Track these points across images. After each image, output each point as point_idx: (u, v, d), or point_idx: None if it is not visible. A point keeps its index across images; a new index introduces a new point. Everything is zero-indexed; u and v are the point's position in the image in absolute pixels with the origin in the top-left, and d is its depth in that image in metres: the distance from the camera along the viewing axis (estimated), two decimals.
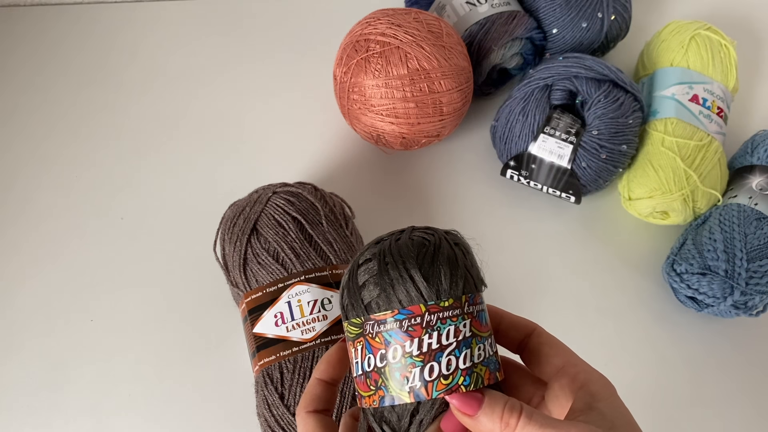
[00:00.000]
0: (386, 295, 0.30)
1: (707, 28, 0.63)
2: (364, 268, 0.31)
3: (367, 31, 0.57)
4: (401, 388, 0.29)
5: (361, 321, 0.30)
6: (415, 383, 0.29)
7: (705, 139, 0.58)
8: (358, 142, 0.66)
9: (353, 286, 0.31)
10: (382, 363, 0.30)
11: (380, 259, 0.30)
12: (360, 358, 0.31)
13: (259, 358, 0.48)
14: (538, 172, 0.59)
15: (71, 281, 0.59)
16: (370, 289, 0.30)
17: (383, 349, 0.30)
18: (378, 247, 0.31)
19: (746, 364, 0.56)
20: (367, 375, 0.30)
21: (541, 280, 0.59)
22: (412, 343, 0.29)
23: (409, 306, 0.29)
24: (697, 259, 0.54)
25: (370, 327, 0.30)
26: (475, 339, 0.30)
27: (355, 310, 0.31)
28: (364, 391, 0.31)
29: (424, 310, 0.29)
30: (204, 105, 0.68)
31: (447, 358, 0.29)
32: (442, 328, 0.29)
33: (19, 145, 0.66)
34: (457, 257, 0.31)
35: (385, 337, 0.30)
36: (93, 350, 0.56)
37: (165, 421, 0.53)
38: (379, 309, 0.30)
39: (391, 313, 0.29)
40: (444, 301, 0.29)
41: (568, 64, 0.59)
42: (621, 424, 0.29)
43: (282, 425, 0.45)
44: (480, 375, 0.30)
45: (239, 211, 0.52)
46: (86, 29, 0.74)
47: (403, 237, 0.31)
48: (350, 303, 0.31)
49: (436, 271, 0.30)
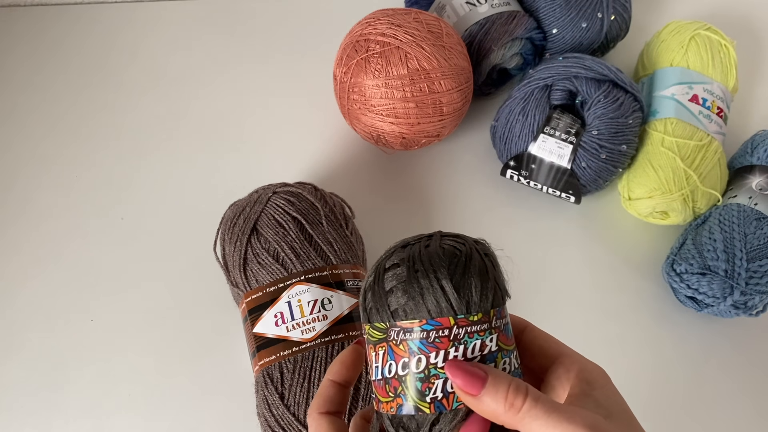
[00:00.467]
0: (414, 304, 0.29)
1: (707, 28, 0.63)
2: (392, 273, 0.30)
3: (367, 31, 0.57)
4: (422, 399, 0.29)
5: (386, 326, 0.30)
6: (437, 395, 0.29)
7: (705, 139, 0.58)
8: (358, 142, 0.66)
9: (379, 290, 0.30)
10: (404, 371, 0.29)
11: (409, 265, 0.29)
12: (381, 363, 0.30)
13: (259, 357, 0.48)
14: (538, 172, 0.59)
15: (71, 281, 0.59)
16: (398, 295, 0.29)
17: (406, 357, 0.29)
18: (406, 252, 0.30)
19: (746, 364, 0.56)
20: (386, 381, 0.30)
21: (540, 280, 0.59)
22: (438, 354, 0.29)
23: (438, 318, 0.29)
24: (697, 259, 0.54)
25: (395, 334, 0.29)
26: (501, 353, 0.30)
27: (379, 315, 0.30)
28: (382, 396, 0.30)
29: (453, 323, 0.29)
30: (204, 105, 0.68)
31: None
32: (469, 342, 0.29)
33: (19, 145, 0.66)
34: (487, 269, 0.30)
35: (410, 345, 0.29)
36: (93, 350, 0.56)
37: (165, 420, 0.53)
38: (405, 317, 0.29)
39: (419, 323, 0.29)
40: (473, 316, 0.29)
41: (568, 64, 0.59)
42: (617, 411, 0.29)
43: (282, 425, 0.45)
44: None
45: (239, 211, 0.52)
46: (86, 29, 0.74)
47: (432, 244, 0.30)
48: (375, 307, 0.30)
49: (468, 283, 0.29)
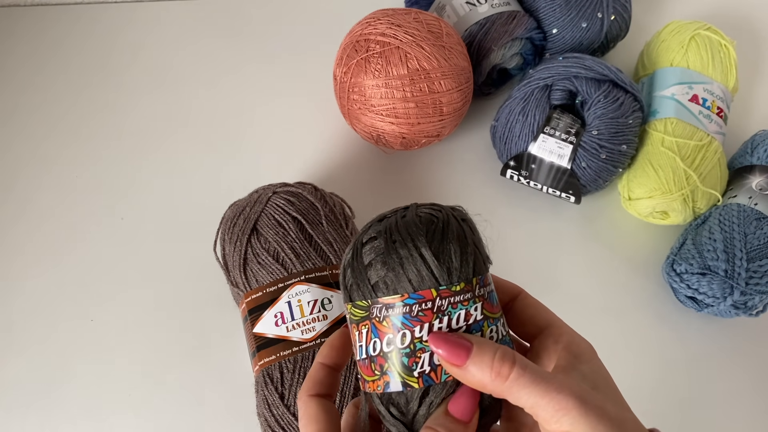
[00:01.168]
0: (395, 275, 0.28)
1: (707, 28, 0.63)
2: (370, 246, 0.29)
3: (367, 31, 0.57)
4: (409, 374, 0.28)
5: (368, 304, 0.29)
6: (424, 368, 0.28)
7: (705, 139, 0.58)
8: (358, 142, 0.66)
9: (358, 265, 0.29)
10: (389, 348, 0.29)
11: (387, 236, 0.29)
12: (365, 342, 0.29)
13: (259, 357, 0.48)
14: (538, 172, 0.59)
15: (71, 281, 0.59)
16: (377, 268, 0.29)
17: (391, 333, 0.28)
18: (383, 224, 0.29)
19: (746, 364, 0.56)
20: (371, 359, 0.29)
21: (540, 280, 0.59)
22: (422, 328, 0.28)
23: (420, 290, 0.28)
24: (697, 259, 0.54)
25: (377, 311, 0.29)
26: (487, 321, 0.29)
27: (360, 291, 0.29)
28: (368, 376, 0.30)
29: (436, 294, 0.28)
30: (204, 105, 0.69)
31: None
32: (453, 313, 0.28)
33: (20, 145, 0.66)
34: (465, 234, 0.29)
35: (393, 321, 0.28)
36: (93, 350, 0.56)
37: (165, 421, 0.53)
38: (387, 290, 0.28)
39: (401, 298, 0.28)
40: (456, 285, 0.28)
41: (568, 64, 0.59)
42: (602, 384, 0.29)
43: (282, 425, 0.45)
44: None
45: (239, 211, 0.52)
46: (87, 29, 0.74)
47: (408, 214, 0.30)
48: (355, 283, 0.29)
49: (447, 249, 0.28)
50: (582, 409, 0.26)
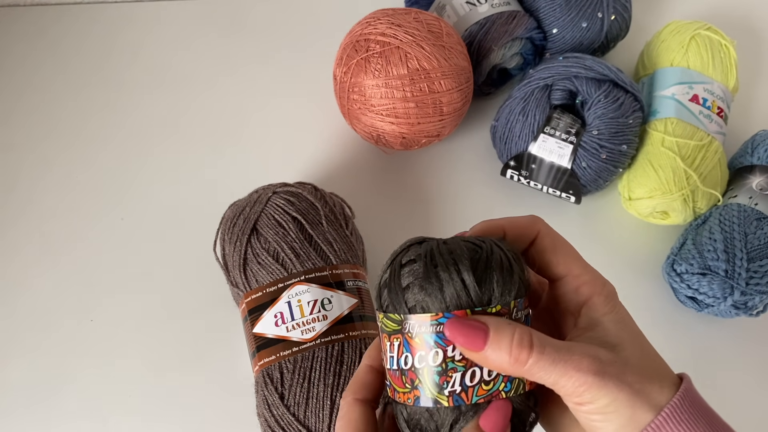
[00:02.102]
0: (431, 300, 0.28)
1: (707, 28, 0.63)
2: (409, 269, 0.29)
3: (367, 31, 0.57)
4: (440, 392, 0.28)
5: (401, 319, 0.29)
6: (455, 388, 0.28)
7: (705, 139, 0.58)
8: (358, 142, 0.65)
9: (396, 287, 0.29)
10: (421, 364, 0.28)
11: (427, 260, 0.29)
12: (396, 354, 0.29)
13: (259, 358, 0.48)
14: (538, 172, 0.59)
15: (71, 281, 0.59)
16: (414, 291, 0.28)
17: (423, 351, 0.28)
18: (423, 247, 0.29)
19: (746, 364, 0.56)
20: (402, 372, 0.29)
21: None
22: (455, 348, 0.28)
23: (455, 311, 0.28)
24: (697, 259, 0.54)
25: (410, 327, 0.29)
26: None
27: (395, 309, 0.29)
28: (398, 387, 0.30)
29: (470, 315, 0.28)
30: (204, 105, 0.68)
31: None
32: None
33: (20, 145, 0.66)
34: (512, 265, 0.29)
35: (426, 339, 0.28)
36: (93, 350, 0.56)
37: (165, 421, 0.53)
38: (423, 311, 0.28)
39: (434, 317, 0.28)
40: (492, 308, 0.28)
41: (568, 64, 0.59)
42: (627, 337, 0.30)
43: (282, 425, 0.45)
44: (522, 381, 0.29)
45: (239, 211, 0.52)
46: (86, 29, 0.74)
47: (451, 240, 0.30)
48: (391, 303, 0.29)
49: (490, 277, 0.28)
50: (601, 383, 0.27)
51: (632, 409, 0.27)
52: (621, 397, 0.27)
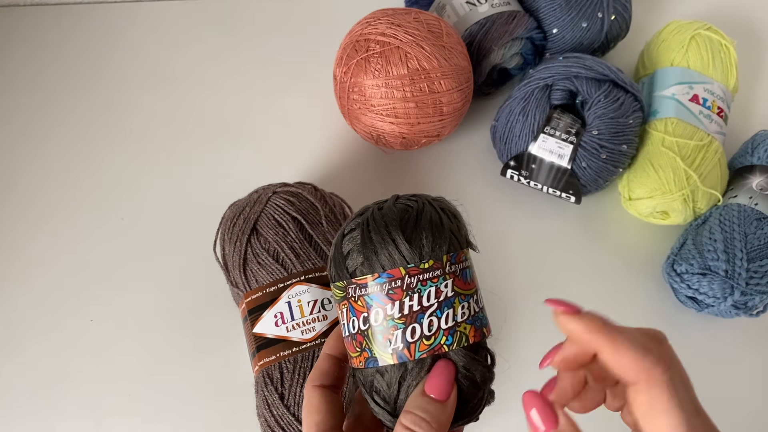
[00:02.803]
0: (369, 263, 0.30)
1: (707, 28, 0.63)
2: (348, 237, 0.31)
3: (367, 31, 0.57)
4: (384, 350, 0.30)
5: (344, 284, 0.31)
6: (397, 345, 0.30)
7: (705, 139, 0.58)
8: (358, 142, 0.65)
9: (338, 256, 0.31)
10: (365, 326, 0.30)
11: (364, 227, 0.31)
12: (345, 320, 0.31)
13: (259, 358, 0.48)
14: (538, 172, 0.59)
15: (71, 281, 0.59)
16: (353, 257, 0.31)
17: (365, 312, 0.30)
18: (362, 217, 0.31)
19: (746, 364, 0.56)
20: (353, 336, 0.31)
21: (540, 280, 0.59)
22: (393, 305, 0.30)
23: (390, 269, 0.30)
24: (697, 259, 0.54)
25: (353, 290, 0.30)
26: (458, 298, 0.30)
27: (339, 276, 0.31)
28: (351, 352, 0.31)
29: (404, 273, 0.29)
30: (204, 105, 0.68)
31: (429, 319, 0.30)
32: (423, 290, 0.30)
33: (20, 145, 0.66)
34: (442, 221, 0.31)
35: (366, 300, 0.30)
36: (93, 350, 0.56)
37: (165, 421, 0.53)
38: (362, 274, 0.30)
39: (372, 277, 0.30)
40: (424, 263, 0.30)
41: (568, 64, 0.59)
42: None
43: (282, 425, 0.45)
44: (464, 333, 0.30)
45: (239, 211, 0.52)
46: (87, 29, 0.74)
47: (386, 205, 0.31)
48: (336, 272, 0.31)
49: (419, 235, 0.30)
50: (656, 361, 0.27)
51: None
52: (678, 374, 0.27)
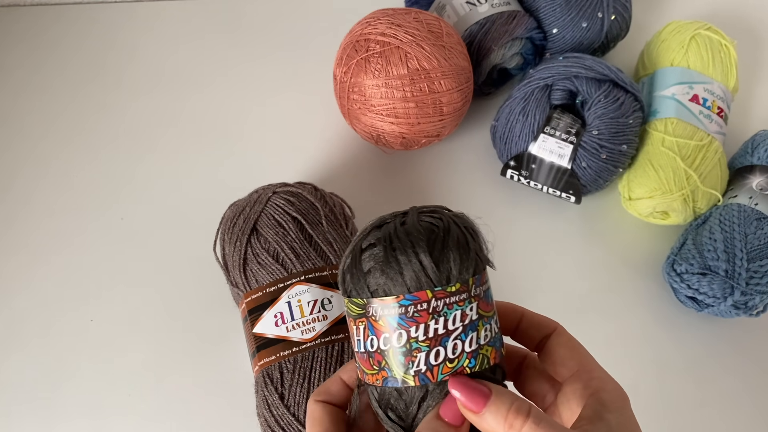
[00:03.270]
0: (393, 283, 0.28)
1: (707, 28, 0.63)
2: (369, 253, 0.29)
3: (367, 30, 0.57)
4: (406, 372, 0.29)
5: (364, 302, 0.29)
6: (420, 367, 0.28)
7: (705, 139, 0.58)
8: (358, 142, 0.65)
9: (357, 272, 0.29)
10: (386, 346, 0.29)
11: (386, 244, 0.29)
12: (362, 338, 0.30)
13: (259, 358, 0.48)
14: (538, 172, 0.59)
15: (71, 281, 0.59)
16: (376, 276, 0.29)
17: (387, 333, 0.29)
18: (382, 231, 0.29)
19: (746, 364, 0.56)
20: (369, 354, 0.30)
21: (540, 280, 0.59)
22: (418, 328, 0.28)
23: (416, 292, 0.28)
24: (697, 259, 0.54)
25: (373, 310, 0.29)
26: (482, 321, 0.29)
27: (358, 293, 0.29)
28: (366, 369, 0.30)
29: (431, 296, 0.28)
30: (204, 105, 0.68)
31: (453, 342, 0.28)
32: (449, 314, 0.28)
33: (18, 144, 0.66)
34: (468, 242, 0.29)
35: (389, 321, 0.28)
36: (92, 350, 0.56)
37: (165, 421, 0.53)
38: (385, 294, 0.28)
39: (396, 299, 0.28)
40: (451, 287, 0.28)
41: (568, 64, 0.59)
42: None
43: (282, 425, 0.45)
44: (486, 356, 0.29)
45: (239, 211, 0.52)
46: (85, 29, 0.74)
47: (408, 220, 0.29)
48: (354, 288, 0.30)
49: (446, 257, 0.28)
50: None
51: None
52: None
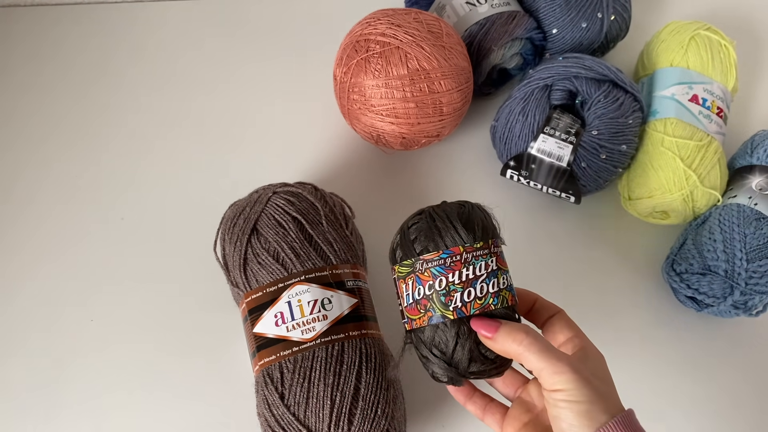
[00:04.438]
0: (434, 244, 0.40)
1: (707, 28, 0.63)
2: (414, 227, 0.41)
3: (367, 31, 0.57)
4: (446, 309, 0.39)
5: (412, 261, 0.40)
6: (457, 304, 0.39)
7: (705, 139, 0.58)
8: (358, 142, 0.66)
9: (407, 241, 0.41)
10: (430, 291, 0.40)
11: (428, 218, 0.41)
12: (411, 291, 0.40)
13: (259, 357, 0.48)
14: (537, 172, 0.59)
15: (72, 281, 0.59)
16: (421, 240, 0.40)
17: (431, 281, 0.39)
18: (424, 213, 0.41)
19: (746, 364, 0.56)
20: (417, 302, 0.40)
21: (540, 280, 0.59)
22: (454, 274, 0.39)
23: (452, 247, 0.39)
24: (697, 259, 0.54)
25: (420, 265, 0.40)
26: (500, 272, 0.40)
27: (407, 256, 0.41)
28: (413, 315, 0.40)
29: (462, 250, 0.39)
30: (204, 105, 0.69)
31: (480, 285, 0.39)
32: (476, 263, 0.40)
33: (20, 145, 0.66)
34: (485, 216, 0.42)
35: (432, 272, 0.40)
36: (93, 350, 0.56)
37: (165, 420, 0.53)
38: (428, 252, 0.40)
39: (437, 254, 0.39)
40: (477, 243, 0.40)
41: (568, 64, 0.59)
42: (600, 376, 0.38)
43: (282, 425, 0.45)
44: (505, 297, 0.40)
45: (239, 211, 0.52)
46: (87, 29, 0.74)
47: (443, 204, 0.42)
48: (403, 253, 0.41)
49: (472, 224, 0.40)
50: (573, 374, 0.35)
51: (591, 405, 0.35)
52: (585, 392, 0.35)
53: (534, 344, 0.37)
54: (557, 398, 0.36)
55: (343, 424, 0.44)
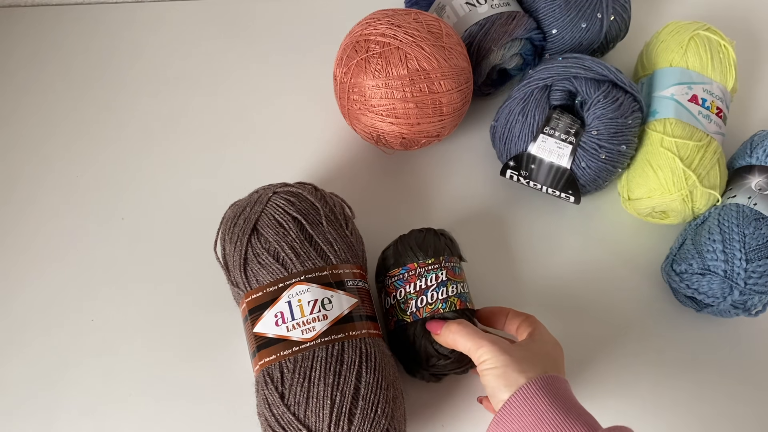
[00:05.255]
0: (397, 262, 0.52)
1: (706, 28, 0.63)
2: (388, 251, 0.53)
3: (367, 31, 0.58)
4: (404, 314, 0.50)
5: (383, 278, 0.52)
6: (412, 310, 0.50)
7: (704, 140, 0.58)
8: (358, 142, 0.66)
9: (381, 263, 0.53)
10: (394, 301, 0.51)
11: (396, 243, 0.53)
12: (383, 302, 0.53)
13: (259, 357, 0.48)
14: (537, 172, 0.59)
15: (72, 281, 0.59)
16: (390, 262, 0.52)
17: (395, 292, 0.51)
18: (396, 239, 0.54)
19: (746, 364, 0.56)
20: (387, 311, 0.52)
21: (540, 280, 0.59)
22: (410, 285, 0.50)
23: (408, 264, 0.51)
24: (696, 259, 0.54)
25: (387, 281, 0.52)
26: (450, 282, 0.50)
27: (380, 275, 0.53)
28: (387, 322, 0.52)
29: (417, 266, 0.51)
30: (204, 105, 0.69)
31: (431, 293, 0.50)
32: (428, 276, 0.50)
33: (21, 145, 0.66)
34: (438, 239, 0.52)
35: (395, 285, 0.51)
36: (93, 350, 0.56)
37: (165, 421, 0.53)
38: (393, 269, 0.51)
39: (398, 270, 0.51)
40: (429, 260, 0.51)
41: (568, 65, 0.59)
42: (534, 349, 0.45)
43: (282, 425, 0.45)
44: (453, 302, 0.50)
45: (240, 211, 0.53)
46: (87, 30, 0.74)
47: (410, 232, 0.53)
48: (378, 273, 0.54)
49: (425, 245, 0.52)
50: (491, 346, 0.44)
51: (506, 368, 0.42)
52: (502, 359, 0.43)
53: (462, 330, 0.46)
54: (482, 369, 0.44)
55: (343, 424, 0.44)
